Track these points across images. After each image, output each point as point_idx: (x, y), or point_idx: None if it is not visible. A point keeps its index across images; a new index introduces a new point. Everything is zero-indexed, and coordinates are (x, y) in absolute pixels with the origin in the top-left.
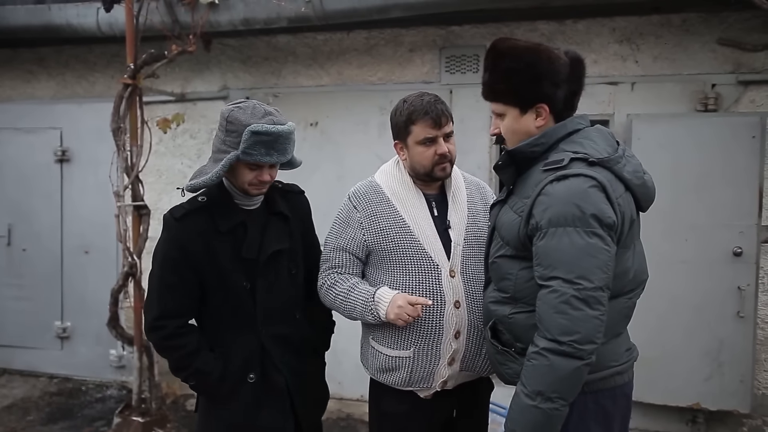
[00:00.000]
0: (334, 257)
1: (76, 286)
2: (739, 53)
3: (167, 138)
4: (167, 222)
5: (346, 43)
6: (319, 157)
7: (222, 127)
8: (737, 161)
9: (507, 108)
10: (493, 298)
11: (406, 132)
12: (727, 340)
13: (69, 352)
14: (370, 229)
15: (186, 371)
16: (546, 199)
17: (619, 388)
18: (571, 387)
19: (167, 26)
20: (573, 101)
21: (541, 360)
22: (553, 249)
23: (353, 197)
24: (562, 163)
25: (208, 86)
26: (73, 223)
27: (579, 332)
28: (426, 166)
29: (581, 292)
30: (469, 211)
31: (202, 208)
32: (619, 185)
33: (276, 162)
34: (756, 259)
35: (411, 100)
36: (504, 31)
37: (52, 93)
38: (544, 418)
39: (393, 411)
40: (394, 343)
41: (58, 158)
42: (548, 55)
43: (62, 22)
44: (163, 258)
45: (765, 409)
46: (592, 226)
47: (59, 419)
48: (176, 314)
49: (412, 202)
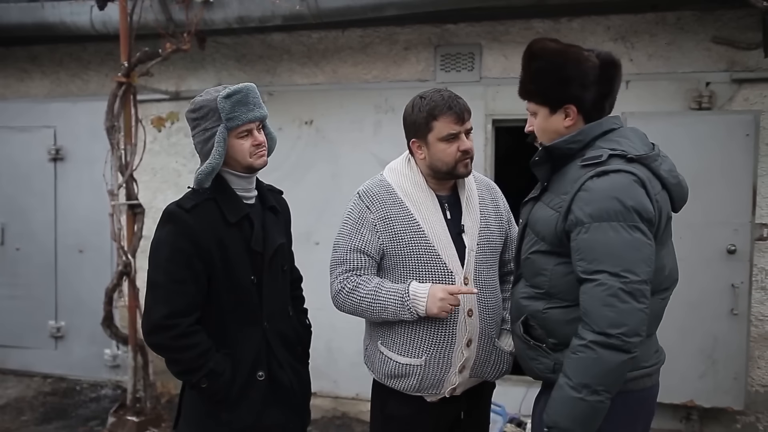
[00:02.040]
0: (351, 259)
1: (71, 286)
2: (734, 51)
3: (162, 136)
4: (175, 214)
5: (341, 41)
6: (313, 155)
7: (196, 121)
8: (731, 159)
9: (538, 107)
10: (525, 294)
11: (426, 129)
12: (721, 338)
13: (63, 352)
14: (385, 232)
15: (199, 372)
16: (586, 194)
17: (646, 390)
18: (616, 380)
19: (161, 24)
20: (603, 103)
21: (588, 353)
22: (597, 243)
23: (365, 197)
24: (601, 159)
25: (203, 84)
26: (67, 222)
27: (627, 324)
28: (449, 163)
29: (628, 285)
30: (482, 214)
31: (209, 199)
32: (657, 183)
33: (260, 117)
34: (750, 257)
35: (430, 96)
36: (499, 29)
37: (45, 91)
38: (590, 410)
39: (398, 414)
40: (405, 350)
41: (51, 157)
42: (576, 57)
43: (56, 20)
44: (172, 251)
45: (759, 405)
46: (634, 221)
47: (53, 419)
48: (187, 312)
49: (425, 204)
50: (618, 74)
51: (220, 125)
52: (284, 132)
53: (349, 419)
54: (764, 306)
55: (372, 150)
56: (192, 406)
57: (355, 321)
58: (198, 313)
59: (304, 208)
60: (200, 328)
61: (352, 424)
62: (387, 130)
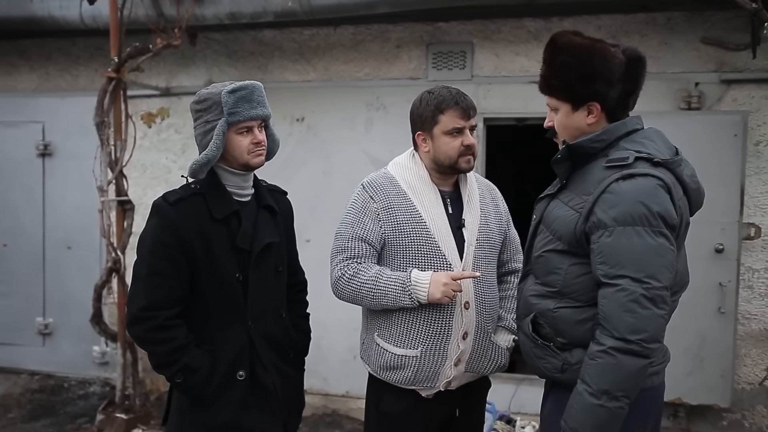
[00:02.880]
0: (352, 247)
1: (59, 282)
2: (723, 52)
3: (152, 132)
4: (160, 207)
5: (332, 38)
6: (305, 152)
7: (199, 113)
8: (720, 159)
9: (560, 103)
10: (535, 292)
11: (432, 122)
12: (709, 336)
13: (51, 349)
14: (387, 221)
15: (173, 367)
16: (612, 197)
17: (655, 388)
18: (635, 385)
19: (152, 19)
20: (627, 101)
21: (607, 359)
22: (621, 247)
23: (369, 187)
24: (627, 161)
25: (194, 81)
26: (56, 218)
27: (647, 331)
28: (452, 157)
29: (650, 291)
30: (482, 212)
31: (196, 194)
32: (679, 188)
33: (262, 115)
34: (737, 256)
35: (437, 91)
36: (491, 28)
37: (34, 86)
38: (610, 417)
39: (393, 410)
40: (401, 341)
41: (40, 152)
42: (603, 53)
43: (44, 14)
44: (153, 244)
45: (744, 403)
46: (659, 226)
47: (41, 416)
48: (166, 305)
49: (428, 197)
50: (643, 71)
51: (221, 119)
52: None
53: (339, 416)
54: (751, 305)
55: (363, 147)
56: (177, 401)
57: (345, 318)
58: (179, 307)
59: (295, 206)
60: (180, 322)
61: (342, 421)
62: (378, 128)
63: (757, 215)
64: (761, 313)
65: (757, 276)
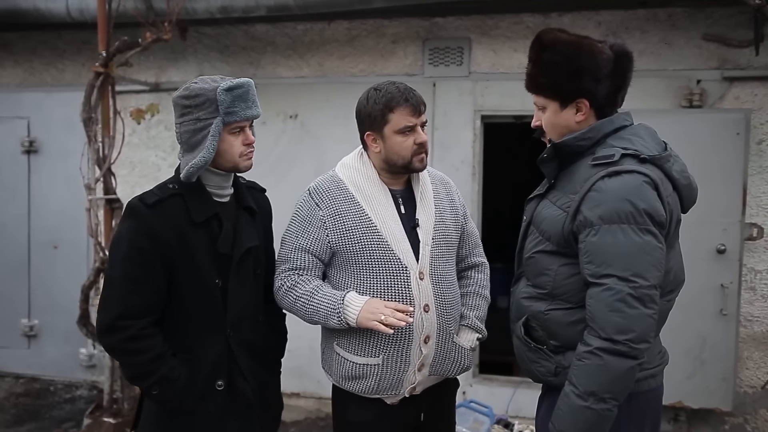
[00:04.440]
0: (295, 258)
1: (44, 283)
2: (725, 49)
3: (141, 129)
4: (135, 209)
5: (327, 33)
6: (298, 150)
7: (187, 108)
8: (722, 158)
9: (548, 101)
10: (526, 294)
11: (382, 121)
12: (710, 338)
13: (36, 351)
14: (334, 228)
15: (149, 378)
16: (597, 195)
17: (652, 391)
18: (623, 387)
19: (141, 13)
20: (616, 97)
21: (594, 360)
22: (607, 246)
23: (314, 194)
24: (613, 159)
25: (184, 76)
26: (41, 216)
27: (634, 331)
28: (405, 156)
29: (637, 290)
30: (437, 208)
31: (175, 195)
32: (668, 184)
33: (257, 115)
34: (739, 257)
35: (385, 88)
36: (488, 23)
37: (18, 80)
38: (597, 419)
39: (359, 420)
40: (361, 350)
41: (25, 149)
42: (591, 50)
43: (29, 7)
44: (128, 248)
45: (747, 407)
46: (646, 224)
47: (26, 421)
48: (141, 313)
49: (378, 198)
50: (631, 66)
51: (217, 118)
52: (268, 126)
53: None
54: (753, 306)
55: (357, 145)
56: (149, 409)
57: None
58: (155, 315)
59: (288, 205)
60: (156, 331)
61: None
62: None
63: (760, 215)
64: (764, 315)
65: (760, 277)
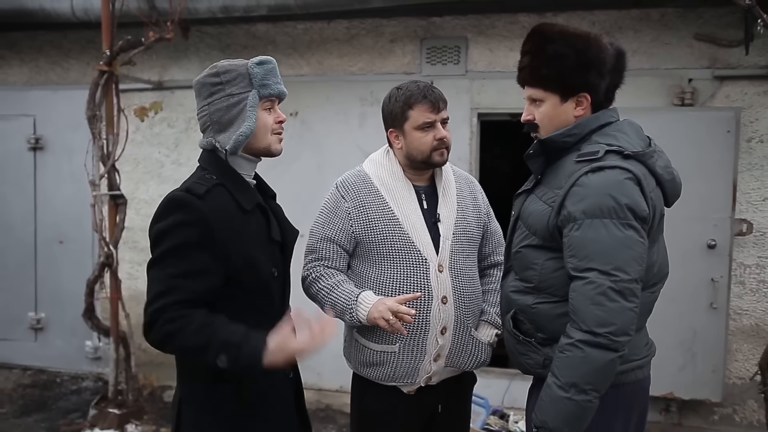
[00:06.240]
0: (321, 248)
1: (51, 277)
2: (716, 49)
3: (144, 126)
4: (184, 201)
5: (326, 32)
6: (299, 147)
7: (218, 86)
8: (712, 155)
9: (547, 94)
10: (514, 288)
11: (403, 118)
12: (701, 331)
13: (43, 344)
14: (359, 220)
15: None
16: (580, 190)
17: (639, 382)
18: (604, 379)
19: (144, 12)
20: (613, 94)
21: (575, 352)
22: (589, 240)
23: (341, 187)
24: (597, 155)
25: (186, 74)
26: (47, 212)
27: (615, 324)
28: (424, 151)
29: (618, 284)
30: (459, 205)
31: (219, 185)
32: (651, 179)
33: (286, 93)
34: (729, 252)
35: (406, 86)
36: (485, 23)
37: (25, 79)
38: (578, 410)
39: (376, 407)
40: (379, 338)
41: (31, 146)
42: (598, 44)
43: (35, 7)
44: (181, 245)
45: (736, 398)
46: (627, 218)
47: (33, 411)
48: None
49: (401, 193)
50: (626, 66)
51: (252, 91)
52: None
53: (332, 411)
54: (743, 300)
55: (357, 142)
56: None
57: None
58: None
59: (289, 200)
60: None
61: (336, 416)
62: (372, 122)
63: (749, 211)
64: (752, 309)
65: (749, 272)
